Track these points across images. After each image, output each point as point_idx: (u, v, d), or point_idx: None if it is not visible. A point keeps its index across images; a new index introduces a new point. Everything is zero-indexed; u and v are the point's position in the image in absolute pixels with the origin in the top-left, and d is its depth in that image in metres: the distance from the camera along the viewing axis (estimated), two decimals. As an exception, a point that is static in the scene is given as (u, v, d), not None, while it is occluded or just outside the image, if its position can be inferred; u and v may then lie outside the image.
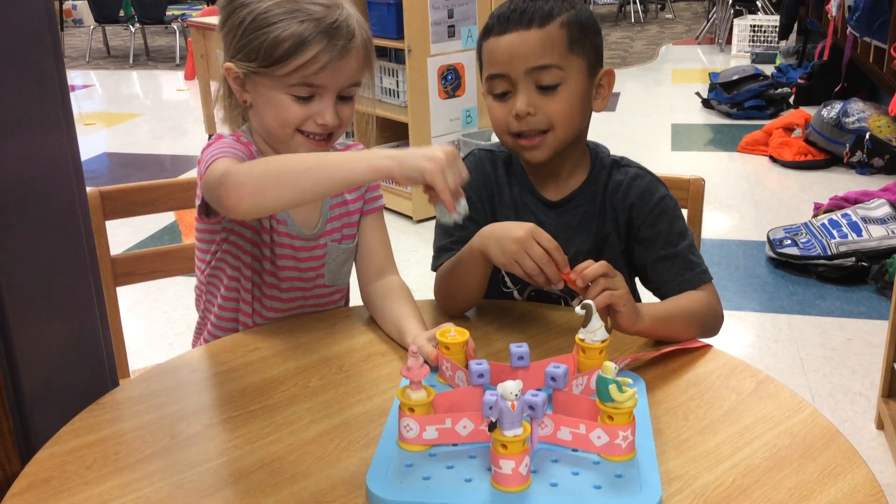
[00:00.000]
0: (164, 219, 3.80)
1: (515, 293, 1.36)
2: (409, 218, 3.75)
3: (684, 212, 1.40)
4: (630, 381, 0.92)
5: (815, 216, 3.39)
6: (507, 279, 1.34)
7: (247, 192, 1.04)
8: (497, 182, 1.33)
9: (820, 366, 2.54)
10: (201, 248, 1.34)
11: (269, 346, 1.21)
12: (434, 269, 1.33)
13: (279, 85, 1.19)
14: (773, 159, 4.49)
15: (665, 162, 4.55)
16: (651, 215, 1.27)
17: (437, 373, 1.10)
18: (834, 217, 3.23)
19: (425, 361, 0.98)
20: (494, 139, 1.34)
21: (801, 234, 3.21)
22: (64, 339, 1.15)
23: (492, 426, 0.86)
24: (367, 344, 1.22)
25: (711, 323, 1.24)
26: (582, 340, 1.07)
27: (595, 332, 1.06)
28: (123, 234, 3.63)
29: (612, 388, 0.90)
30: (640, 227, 1.28)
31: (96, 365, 1.18)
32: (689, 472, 0.91)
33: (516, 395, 0.85)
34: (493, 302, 1.34)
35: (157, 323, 2.95)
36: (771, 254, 3.23)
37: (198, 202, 1.21)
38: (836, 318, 2.82)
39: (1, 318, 1.10)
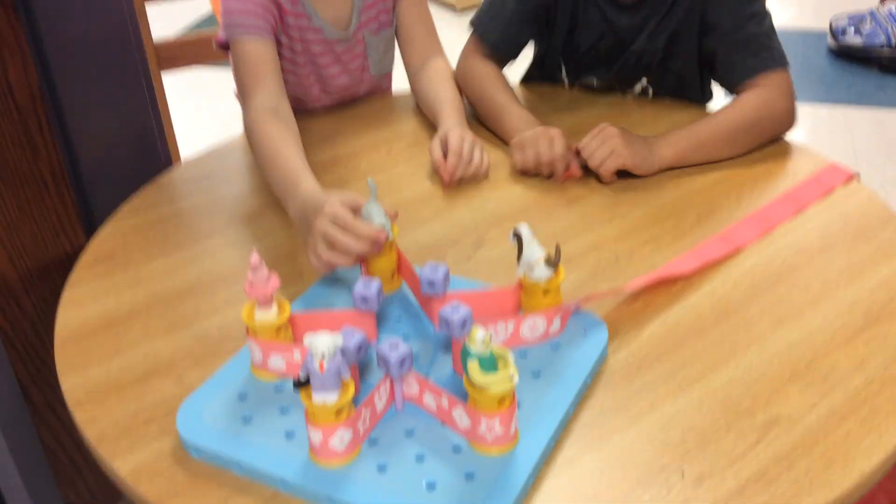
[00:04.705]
0: (201, 7, 3.72)
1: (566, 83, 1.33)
2: (452, 7, 3.61)
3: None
4: (510, 354, 0.64)
5: (882, 2, 3.20)
6: (563, 69, 1.30)
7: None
8: None
9: (873, 158, 2.48)
10: None
11: (318, 128, 1.22)
12: (471, 22, 1.28)
13: None
14: (842, -59, 4.19)
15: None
16: None
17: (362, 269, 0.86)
18: (903, 3, 3.04)
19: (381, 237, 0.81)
20: None
21: (866, 22, 3.04)
22: (116, 119, 1.16)
23: (299, 384, 0.64)
24: (415, 129, 1.22)
25: (769, 126, 1.16)
26: (523, 277, 0.80)
27: (533, 265, 0.77)
28: (159, 29, 3.56)
29: (473, 365, 0.64)
30: (709, 10, 1.18)
31: (149, 145, 1.20)
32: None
33: (325, 355, 0.63)
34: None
35: (203, 116, 2.95)
36: (832, 44, 3.08)
37: (219, 39, 1.18)
38: (895, 110, 2.73)
39: (53, 98, 1.11)
